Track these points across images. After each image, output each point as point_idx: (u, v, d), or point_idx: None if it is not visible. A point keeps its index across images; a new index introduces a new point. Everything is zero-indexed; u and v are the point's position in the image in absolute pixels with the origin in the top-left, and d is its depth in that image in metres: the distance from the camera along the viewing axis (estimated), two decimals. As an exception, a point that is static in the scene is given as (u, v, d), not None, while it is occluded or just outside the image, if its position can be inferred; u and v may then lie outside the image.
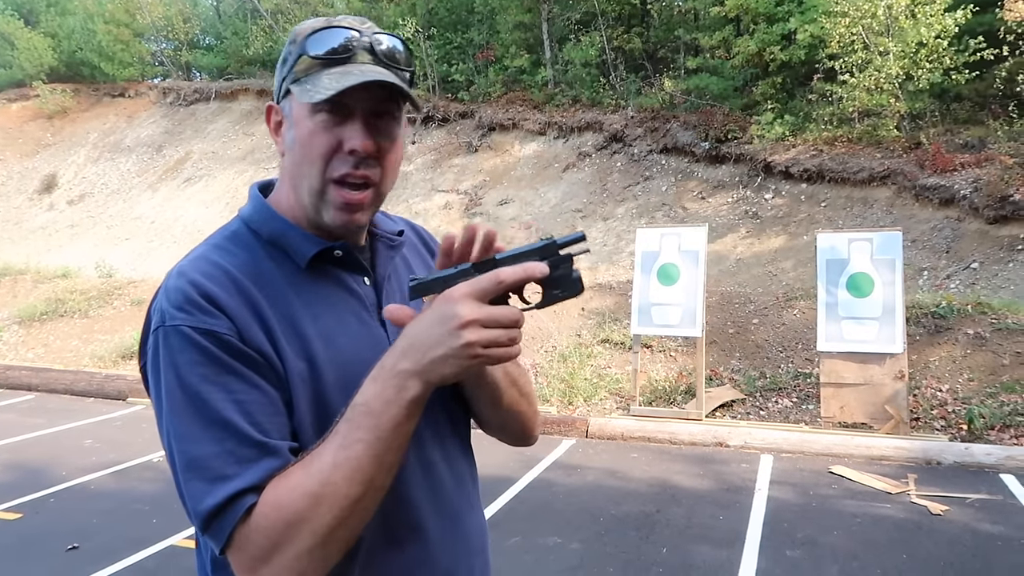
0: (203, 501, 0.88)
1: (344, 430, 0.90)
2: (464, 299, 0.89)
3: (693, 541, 4.26)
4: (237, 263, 1.01)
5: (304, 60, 1.02)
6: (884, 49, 10.63)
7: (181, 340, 0.92)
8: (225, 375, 0.92)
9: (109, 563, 4.03)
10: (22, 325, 10.99)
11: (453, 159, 15.11)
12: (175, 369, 0.92)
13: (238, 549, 0.89)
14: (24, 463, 5.94)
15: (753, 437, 6.01)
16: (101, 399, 8.22)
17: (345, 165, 1.00)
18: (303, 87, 1.00)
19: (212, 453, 0.89)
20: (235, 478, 0.88)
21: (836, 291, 6.27)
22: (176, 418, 0.91)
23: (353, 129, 1.00)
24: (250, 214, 1.10)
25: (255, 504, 0.88)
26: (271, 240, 1.06)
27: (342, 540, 0.90)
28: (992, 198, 9.23)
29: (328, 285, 1.07)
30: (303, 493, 0.87)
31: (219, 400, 0.91)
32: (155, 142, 19.16)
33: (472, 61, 16.69)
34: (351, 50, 1.01)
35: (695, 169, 12.71)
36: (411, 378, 0.89)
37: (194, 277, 0.96)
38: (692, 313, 6.63)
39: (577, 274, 0.97)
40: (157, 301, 0.98)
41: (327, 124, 1.00)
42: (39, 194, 18.58)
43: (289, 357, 0.97)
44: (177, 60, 22.35)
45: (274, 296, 1.00)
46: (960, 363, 6.72)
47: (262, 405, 0.93)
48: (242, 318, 0.95)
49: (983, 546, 4.12)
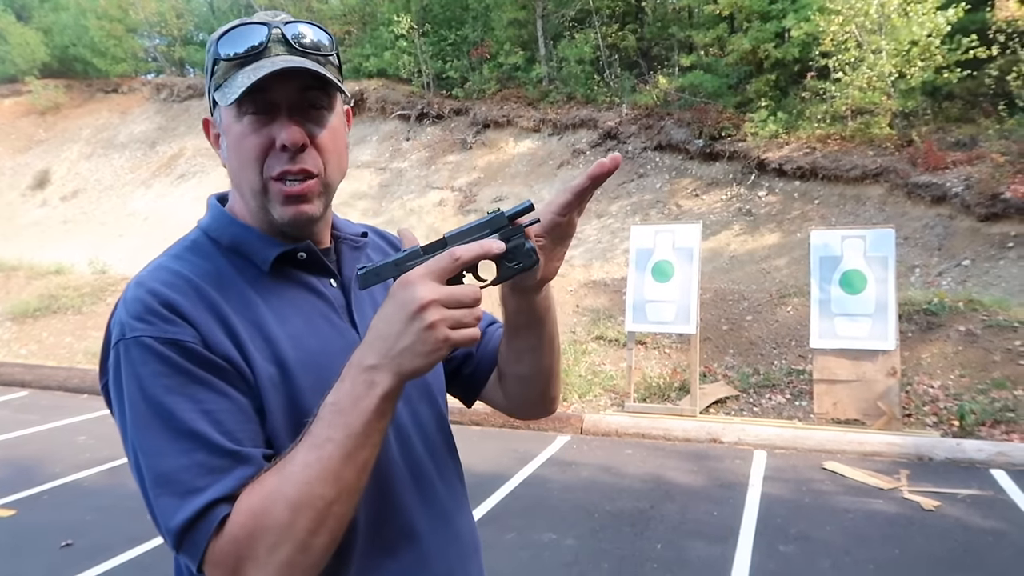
0: (174, 517, 0.84)
1: (315, 431, 0.85)
2: (421, 280, 0.85)
3: (687, 537, 4.28)
4: (198, 271, 0.98)
5: (221, 65, 0.99)
6: (877, 47, 10.67)
7: (143, 352, 0.88)
8: (191, 385, 0.88)
9: (103, 560, 4.03)
10: (15, 321, 10.94)
11: (447, 156, 15.10)
12: (138, 382, 0.88)
13: (214, 564, 0.84)
14: (17, 460, 5.93)
15: (747, 433, 6.03)
16: (94, 396, 8.19)
17: (280, 162, 0.98)
18: (223, 92, 0.98)
19: (181, 466, 0.85)
20: (207, 489, 0.84)
21: (829, 288, 6.30)
22: (141, 433, 0.87)
23: (280, 124, 0.97)
24: (208, 223, 1.07)
25: (229, 515, 0.84)
26: (232, 247, 1.04)
27: (321, 547, 0.85)
28: (983, 196, 9.28)
29: (293, 288, 1.04)
30: (277, 498, 0.83)
31: (186, 411, 0.87)
32: (148, 138, 19.09)
33: (466, 58, 16.68)
34: (263, 44, 0.98)
35: (689, 166, 12.74)
36: (380, 372, 0.85)
37: (153, 286, 0.93)
38: (686, 310, 6.65)
39: (531, 245, 0.95)
40: (116, 314, 0.94)
41: (255, 125, 0.97)
42: (32, 190, 18.50)
43: (258, 362, 0.94)
44: (170, 56, 22.27)
45: (238, 301, 0.97)
46: (952, 360, 6.76)
47: (232, 413, 0.90)
48: (206, 325, 0.92)
49: (974, 541, 4.15)
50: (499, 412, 1.36)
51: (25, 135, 20.49)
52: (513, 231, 0.94)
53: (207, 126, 1.08)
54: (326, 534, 0.85)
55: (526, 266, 0.95)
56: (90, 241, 15.53)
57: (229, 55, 0.98)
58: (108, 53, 21.12)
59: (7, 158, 19.80)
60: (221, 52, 0.99)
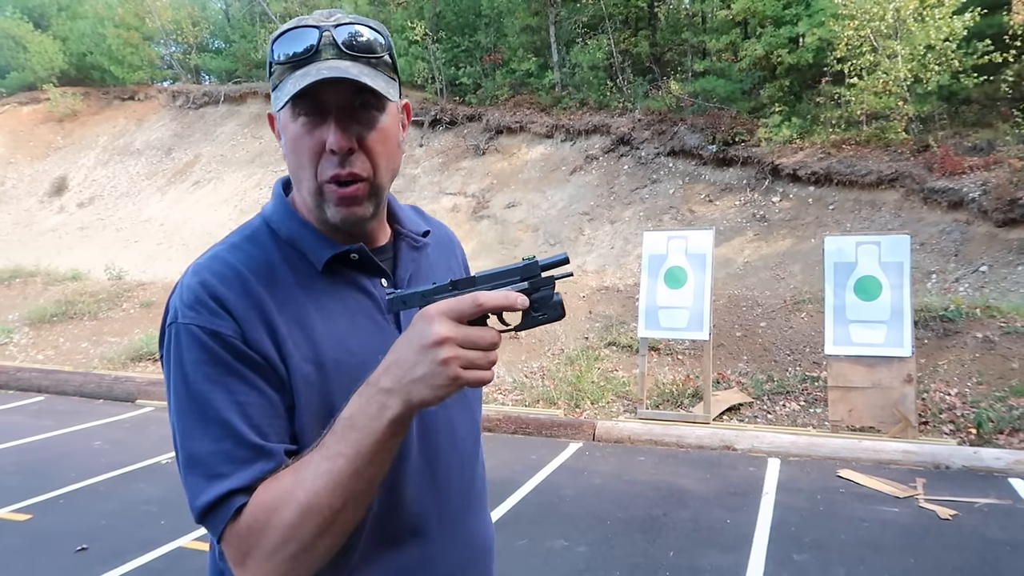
0: (199, 497, 0.92)
1: (329, 442, 0.91)
2: (440, 317, 0.88)
3: (700, 544, 4.25)
4: (252, 264, 1.02)
5: (275, 67, 1.03)
6: (892, 52, 10.60)
7: (189, 338, 0.95)
8: (227, 376, 0.95)
9: (118, 564, 4.05)
10: (32, 327, 11.05)
11: (460, 162, 15.13)
12: (182, 367, 0.96)
13: (229, 545, 0.92)
14: (33, 464, 5.98)
15: (760, 441, 5.99)
16: (110, 401, 8.26)
17: (332, 166, 1.01)
18: (276, 94, 1.02)
19: (210, 451, 0.93)
20: (228, 478, 0.92)
21: (844, 294, 6.25)
22: (181, 415, 0.96)
23: (328, 128, 1.00)
24: (271, 213, 1.12)
25: (245, 504, 0.91)
26: (289, 241, 1.08)
27: (325, 548, 0.92)
28: (1001, 201, 9.18)
29: (343, 287, 1.08)
30: (289, 500, 0.89)
31: (220, 400, 0.94)
32: (164, 145, 19.24)
33: (479, 64, 16.71)
34: (314, 48, 1.00)
35: (702, 172, 12.70)
36: (392, 397, 0.88)
37: (206, 277, 0.99)
38: (699, 316, 6.63)
39: (558, 297, 0.96)
40: (173, 296, 1.01)
41: (308, 127, 1.01)
42: (49, 197, 18.68)
43: (295, 361, 0.99)
44: (186, 63, 22.45)
45: (285, 299, 1.02)
46: (969, 367, 6.69)
47: (262, 407, 0.96)
48: (248, 321, 0.97)
49: (992, 551, 4.10)
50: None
51: (43, 142, 20.71)
52: (543, 282, 0.95)
53: (272, 120, 1.12)
54: (331, 537, 0.92)
55: (551, 318, 0.96)
56: (106, 247, 15.66)
57: (282, 58, 1.01)
58: (125, 61, 21.32)
59: (25, 165, 20.02)
60: (276, 54, 1.02)
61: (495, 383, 7.86)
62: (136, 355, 9.49)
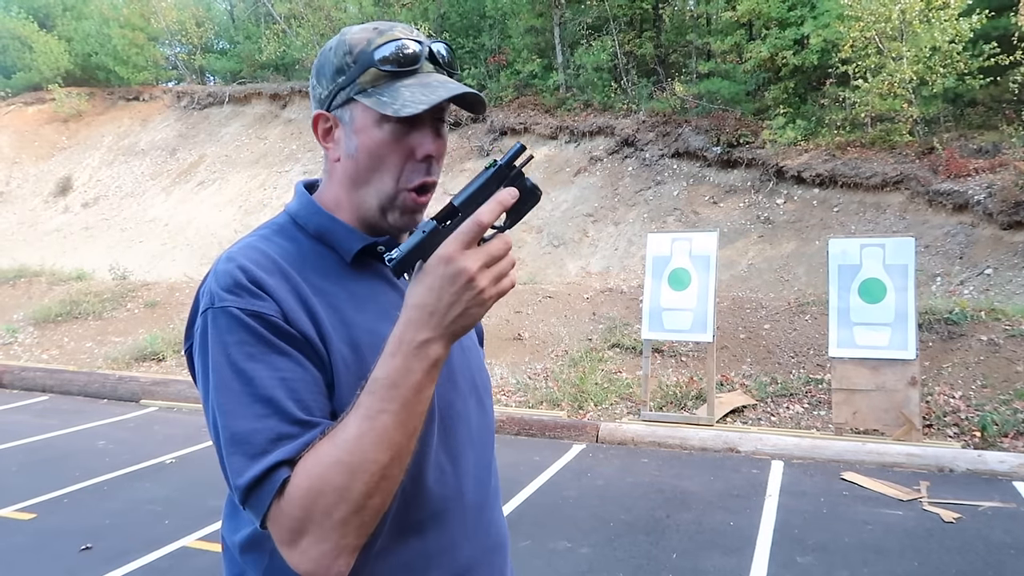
0: (242, 475, 0.91)
1: (367, 402, 0.91)
2: (459, 253, 0.89)
3: (703, 547, 4.25)
4: (283, 253, 1.05)
5: (371, 72, 1.05)
6: (897, 54, 10.58)
7: (230, 320, 0.96)
8: (272, 354, 0.95)
9: (122, 564, 4.06)
10: (37, 327, 11.08)
11: (465, 163, 15.13)
12: (224, 348, 0.95)
13: (276, 523, 0.91)
14: (38, 464, 6.00)
15: (764, 443, 5.99)
16: (114, 401, 8.28)
17: (419, 173, 1.06)
18: (377, 98, 1.04)
19: (254, 429, 0.92)
20: (274, 452, 0.91)
21: (848, 296, 6.24)
22: (222, 395, 0.94)
23: (423, 135, 1.05)
24: (297, 209, 1.14)
25: (290, 478, 0.90)
26: (317, 234, 1.10)
27: (375, 508, 0.91)
28: (1006, 203, 9.16)
29: (372, 279, 1.11)
30: (333, 462, 0.89)
31: (265, 378, 0.94)
32: (169, 145, 19.29)
33: (484, 65, 16.72)
34: (417, 60, 1.06)
35: (707, 174, 12.69)
36: (433, 344, 0.91)
37: (243, 263, 1.00)
38: (703, 318, 6.62)
39: (531, 182, 0.99)
40: (206, 284, 1.01)
41: (397, 134, 1.04)
42: (54, 196, 18.74)
43: (334, 342, 1.01)
44: (191, 64, 22.50)
45: (319, 286, 1.04)
46: (973, 369, 6.68)
47: (306, 383, 0.96)
48: (287, 302, 0.98)
49: (996, 554, 4.08)
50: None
51: (48, 142, 20.77)
52: (515, 177, 0.98)
53: (317, 120, 1.12)
54: (379, 496, 0.91)
55: (532, 204, 1.00)
56: (111, 247, 15.71)
57: (387, 68, 1.05)
58: (130, 61, 21.38)
59: (30, 165, 20.08)
60: (376, 60, 1.05)
61: (499, 384, 7.87)
62: (140, 355, 9.51)
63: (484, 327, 1.42)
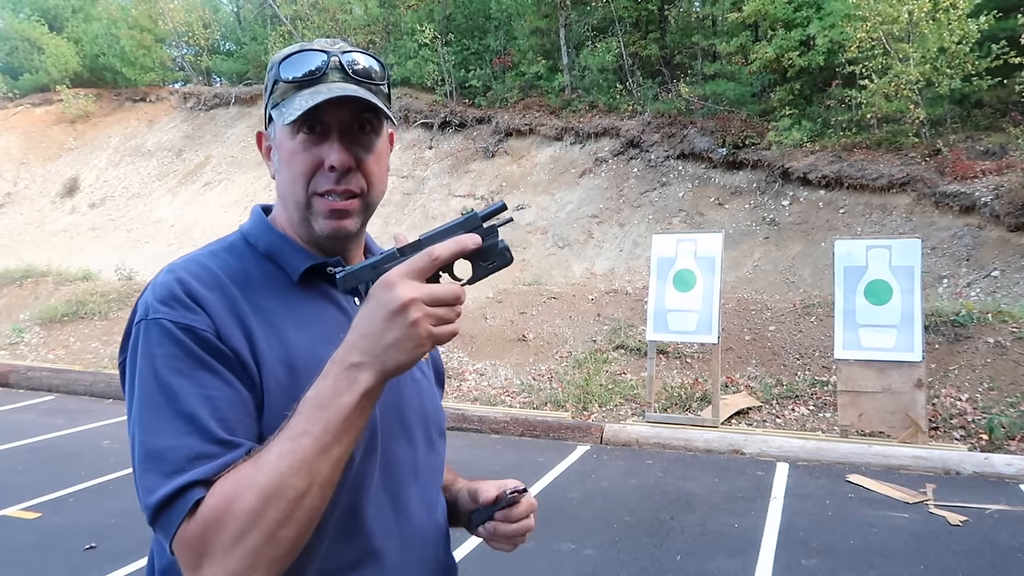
0: (153, 493, 0.87)
1: (293, 423, 0.87)
2: (401, 280, 0.88)
3: (708, 549, 4.24)
4: (227, 269, 1.04)
5: (280, 85, 1.06)
6: (904, 55, 10.54)
7: (160, 333, 0.93)
8: (199, 370, 0.92)
9: (126, 563, 4.07)
10: (43, 327, 11.13)
11: (470, 164, 15.14)
12: (151, 360, 0.93)
13: (183, 547, 0.86)
14: (43, 463, 6.01)
15: (769, 445, 5.97)
16: (120, 401, 8.29)
17: (327, 181, 1.04)
18: (280, 111, 1.05)
19: (172, 446, 0.88)
20: (189, 472, 0.87)
21: (854, 298, 6.22)
22: (144, 409, 0.92)
23: (330, 146, 1.04)
24: (249, 229, 1.14)
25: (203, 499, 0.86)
26: (267, 253, 1.10)
27: (287, 540, 0.85)
28: (1013, 205, 9.12)
29: (319, 300, 1.09)
30: (250, 484, 0.85)
31: (190, 394, 0.91)
32: (175, 146, 19.34)
33: (489, 67, 16.72)
34: (321, 70, 1.05)
35: (712, 175, 12.66)
36: (363, 370, 0.87)
37: (182, 275, 0.99)
38: (708, 319, 6.61)
39: (504, 244, 0.97)
40: (144, 296, 1.00)
41: (306, 144, 1.04)
42: (61, 197, 18.81)
43: (267, 361, 0.98)
44: (197, 65, 22.56)
45: (259, 304, 1.02)
46: (980, 372, 6.65)
47: (232, 403, 0.93)
48: (222, 318, 0.96)
49: (1002, 558, 4.06)
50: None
51: (55, 143, 20.85)
52: (487, 232, 0.96)
53: (260, 139, 1.16)
54: (294, 527, 0.86)
55: (500, 265, 0.97)
56: (117, 248, 15.75)
57: (289, 78, 1.05)
58: (137, 62, 21.45)
59: (38, 166, 20.17)
60: (282, 74, 1.06)
61: (503, 385, 7.86)
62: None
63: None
